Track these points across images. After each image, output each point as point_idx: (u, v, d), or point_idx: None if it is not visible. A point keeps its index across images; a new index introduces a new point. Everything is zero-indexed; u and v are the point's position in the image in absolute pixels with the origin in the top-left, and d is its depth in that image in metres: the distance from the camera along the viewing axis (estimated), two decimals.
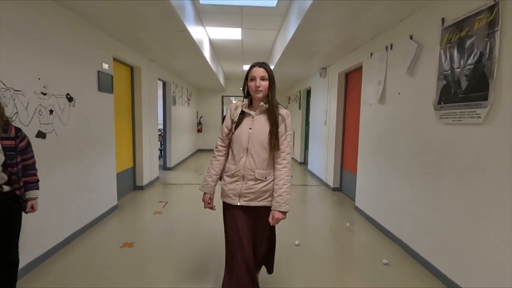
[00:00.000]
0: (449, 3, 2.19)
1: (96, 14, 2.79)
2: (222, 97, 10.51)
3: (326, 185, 5.33)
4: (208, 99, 10.41)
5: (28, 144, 1.79)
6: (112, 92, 3.57)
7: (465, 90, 2.02)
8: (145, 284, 2.12)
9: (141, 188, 4.81)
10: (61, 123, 2.59)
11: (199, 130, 10.39)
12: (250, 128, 1.62)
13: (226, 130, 1.71)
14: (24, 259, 2.04)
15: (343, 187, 4.87)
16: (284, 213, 1.59)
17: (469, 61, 1.99)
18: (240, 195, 1.63)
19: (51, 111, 2.46)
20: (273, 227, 1.79)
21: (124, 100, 4.34)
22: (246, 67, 7.51)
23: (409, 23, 2.72)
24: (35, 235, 2.29)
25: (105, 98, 3.41)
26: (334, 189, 4.97)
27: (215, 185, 1.75)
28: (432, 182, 2.37)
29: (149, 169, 5.08)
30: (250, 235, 1.66)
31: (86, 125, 3.02)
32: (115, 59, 3.80)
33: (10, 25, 2.03)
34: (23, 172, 1.75)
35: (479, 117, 1.89)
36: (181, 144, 7.80)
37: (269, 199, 1.64)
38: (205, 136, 10.53)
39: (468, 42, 2.00)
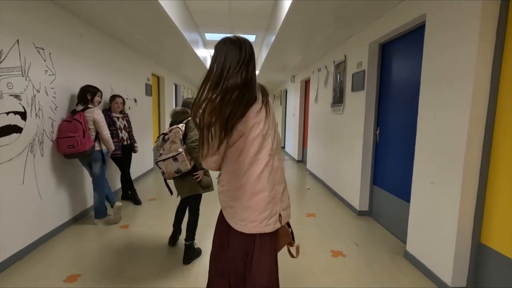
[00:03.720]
0: (337, 53, 4.34)
1: (146, 49, 4.88)
2: None
3: (293, 159, 7.53)
4: None
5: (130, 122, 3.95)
6: (151, 95, 5.69)
7: (338, 98, 4.18)
8: None
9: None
10: (133, 115, 4.70)
11: None
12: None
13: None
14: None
15: (304, 159, 7.06)
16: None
17: (339, 84, 4.15)
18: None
19: (129, 108, 4.58)
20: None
21: (154, 99, 6.44)
22: None
23: (324, 59, 4.87)
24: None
25: (148, 99, 5.53)
26: (298, 161, 7.18)
27: None
28: (330, 144, 4.55)
29: None
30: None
31: (141, 116, 5.14)
32: (152, 74, 5.90)
33: (117, 66, 4.15)
34: (132, 133, 3.90)
35: (340, 111, 4.06)
36: None
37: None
38: None
39: (339, 75, 4.16)
